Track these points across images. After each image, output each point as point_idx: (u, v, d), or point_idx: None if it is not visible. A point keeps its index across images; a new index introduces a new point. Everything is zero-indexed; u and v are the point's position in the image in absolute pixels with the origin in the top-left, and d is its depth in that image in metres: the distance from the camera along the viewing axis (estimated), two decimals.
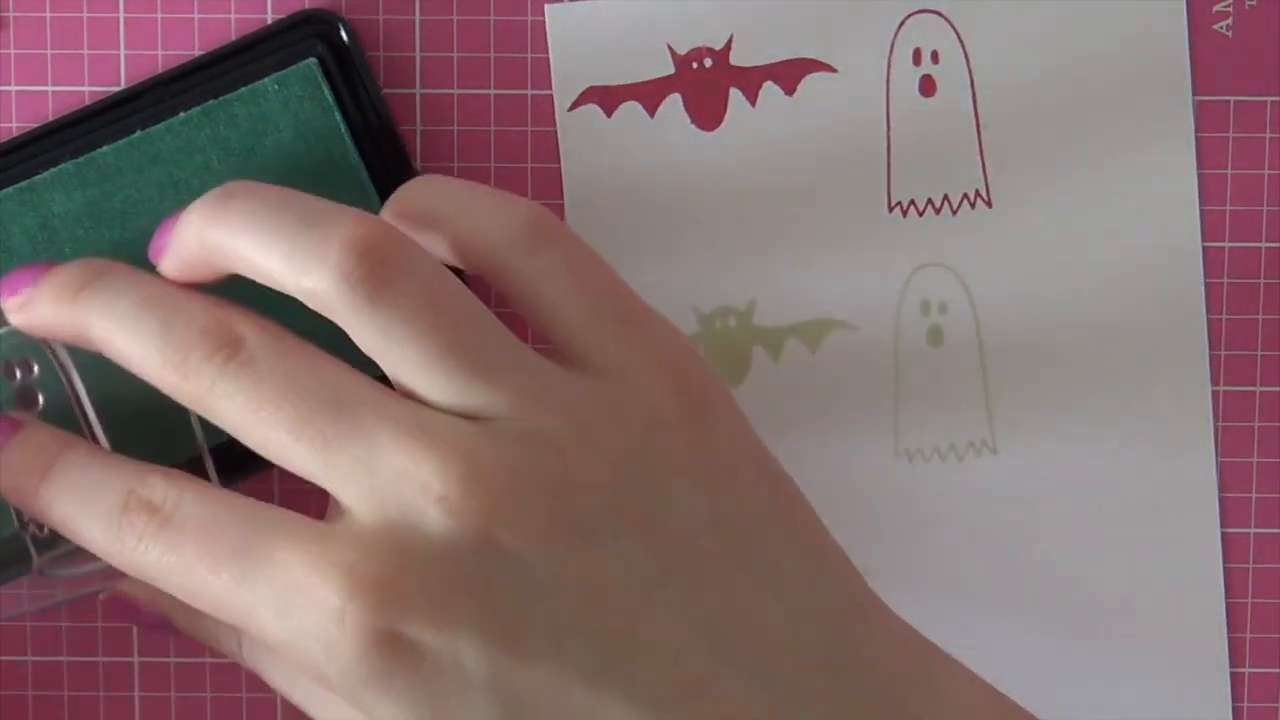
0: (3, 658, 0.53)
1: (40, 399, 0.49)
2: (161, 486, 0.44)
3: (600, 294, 0.45)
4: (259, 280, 0.44)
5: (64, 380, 0.48)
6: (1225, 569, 0.54)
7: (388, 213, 0.46)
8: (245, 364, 0.43)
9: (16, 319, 0.46)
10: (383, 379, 0.44)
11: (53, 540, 0.47)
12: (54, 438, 0.46)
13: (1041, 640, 0.54)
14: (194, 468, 0.47)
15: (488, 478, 0.42)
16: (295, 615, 0.42)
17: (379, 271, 0.43)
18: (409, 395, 0.43)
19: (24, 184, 0.50)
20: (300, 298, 0.43)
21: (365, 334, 0.43)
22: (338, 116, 0.50)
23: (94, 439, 0.48)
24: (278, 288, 0.44)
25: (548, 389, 0.44)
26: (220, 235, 0.44)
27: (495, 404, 0.43)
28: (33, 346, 0.47)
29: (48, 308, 0.46)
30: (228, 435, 0.44)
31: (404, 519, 0.42)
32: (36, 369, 0.48)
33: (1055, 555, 0.53)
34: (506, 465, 0.42)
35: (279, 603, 0.42)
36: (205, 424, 0.46)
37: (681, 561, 0.43)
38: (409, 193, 0.46)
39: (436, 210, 0.46)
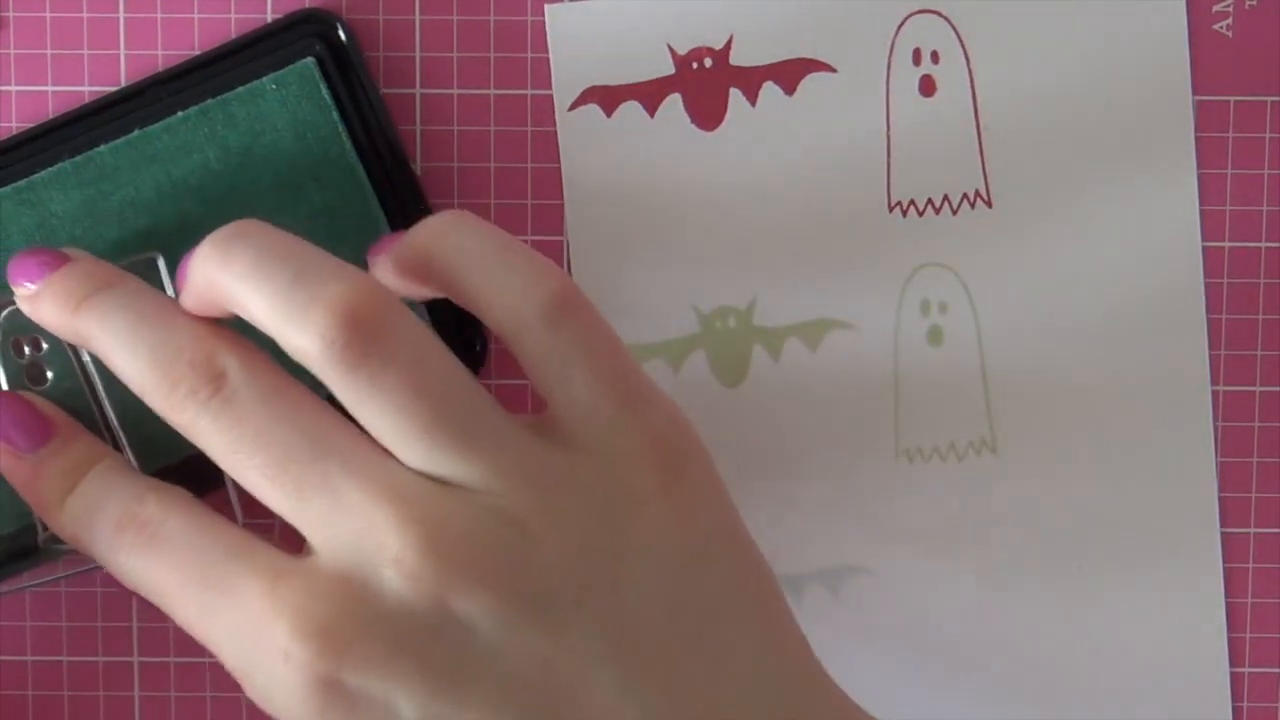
0: (3, 658, 0.53)
1: (48, 375, 0.49)
2: (153, 504, 0.45)
3: (606, 376, 0.45)
4: (256, 328, 0.44)
5: (73, 359, 0.49)
6: (1225, 569, 0.54)
7: (410, 241, 0.46)
8: (226, 401, 0.44)
9: (24, 309, 0.47)
10: None
11: None
12: (90, 451, 0.47)
13: (1041, 637, 0.53)
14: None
15: (446, 545, 0.43)
16: (248, 647, 0.43)
17: (361, 339, 0.43)
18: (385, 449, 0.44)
19: (22, 183, 0.50)
20: (288, 353, 0.44)
21: (345, 397, 0.44)
22: (335, 116, 0.50)
23: (103, 418, 0.49)
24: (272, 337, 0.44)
25: (522, 463, 0.44)
26: (224, 279, 0.44)
27: (467, 474, 0.43)
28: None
29: (52, 311, 0.46)
30: None
31: (360, 572, 0.43)
32: (45, 346, 0.49)
33: (1055, 554, 0.53)
34: (467, 534, 0.43)
35: (235, 633, 0.43)
36: None
37: (631, 642, 0.44)
38: (436, 232, 0.46)
39: (462, 261, 0.45)
